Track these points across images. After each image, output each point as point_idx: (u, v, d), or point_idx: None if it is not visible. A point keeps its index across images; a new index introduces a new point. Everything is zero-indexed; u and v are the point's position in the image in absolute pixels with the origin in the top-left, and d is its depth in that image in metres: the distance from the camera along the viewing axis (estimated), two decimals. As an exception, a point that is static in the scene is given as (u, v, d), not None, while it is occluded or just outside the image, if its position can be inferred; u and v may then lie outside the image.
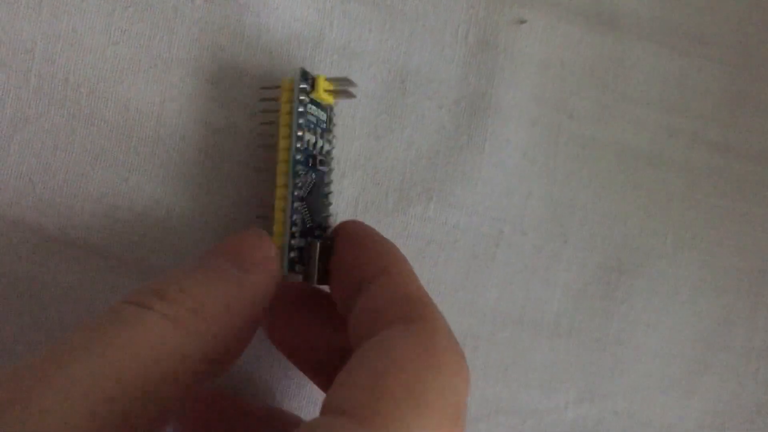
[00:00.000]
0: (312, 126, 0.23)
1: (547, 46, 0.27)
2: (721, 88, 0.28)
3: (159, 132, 0.24)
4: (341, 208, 0.26)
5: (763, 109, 0.28)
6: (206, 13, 0.24)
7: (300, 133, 0.22)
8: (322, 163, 0.23)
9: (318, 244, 0.22)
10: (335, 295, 0.22)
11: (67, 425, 0.14)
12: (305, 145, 0.22)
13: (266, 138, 0.23)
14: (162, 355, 0.16)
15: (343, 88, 0.23)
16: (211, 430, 0.23)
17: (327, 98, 0.23)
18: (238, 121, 0.25)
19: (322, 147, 0.23)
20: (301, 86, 0.22)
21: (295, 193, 0.22)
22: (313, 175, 0.23)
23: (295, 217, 0.22)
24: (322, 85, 0.23)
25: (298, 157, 0.22)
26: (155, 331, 0.16)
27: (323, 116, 0.23)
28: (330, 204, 0.24)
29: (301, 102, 0.22)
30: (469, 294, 0.27)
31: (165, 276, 0.18)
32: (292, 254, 0.22)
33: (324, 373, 0.22)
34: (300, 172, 0.22)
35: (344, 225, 0.23)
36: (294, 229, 0.22)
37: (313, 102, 0.23)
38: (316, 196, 0.23)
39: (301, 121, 0.22)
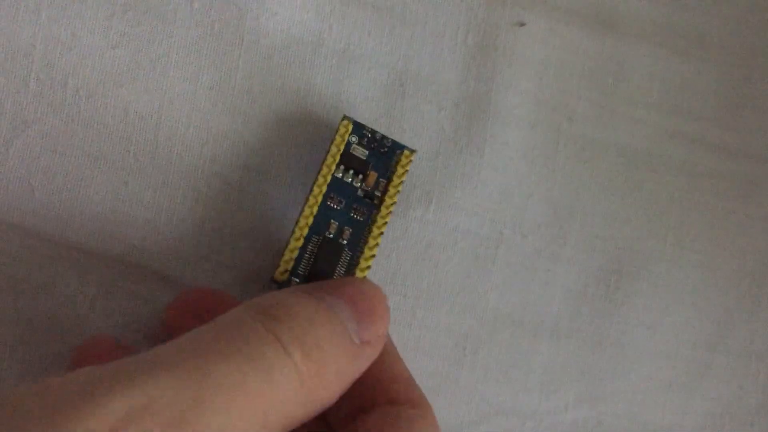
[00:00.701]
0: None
1: (546, 48, 0.27)
2: (721, 89, 0.28)
3: (158, 136, 0.24)
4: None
5: (764, 110, 0.28)
6: (205, 17, 0.24)
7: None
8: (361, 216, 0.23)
9: None
10: None
11: None
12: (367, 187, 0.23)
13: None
14: (281, 410, 0.16)
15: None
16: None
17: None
18: (239, 127, 0.25)
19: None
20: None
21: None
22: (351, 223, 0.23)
23: (310, 247, 0.22)
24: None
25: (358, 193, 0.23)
26: (289, 386, 0.16)
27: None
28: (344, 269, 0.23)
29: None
30: (469, 296, 0.27)
31: (300, 314, 0.17)
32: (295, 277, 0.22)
33: None
34: (334, 207, 0.23)
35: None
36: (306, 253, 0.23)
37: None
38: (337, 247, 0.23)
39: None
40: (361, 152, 0.24)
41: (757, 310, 0.29)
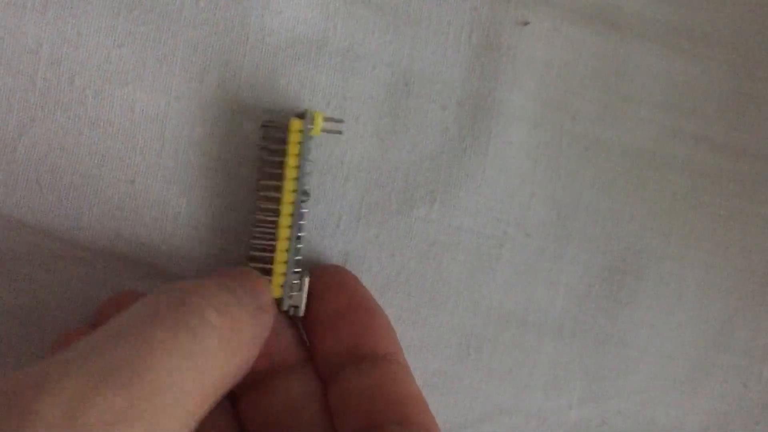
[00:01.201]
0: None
1: (550, 47, 0.27)
2: (725, 88, 0.28)
3: (164, 134, 0.24)
4: (344, 211, 0.26)
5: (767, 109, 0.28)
6: (210, 15, 0.24)
7: (305, 178, 0.23)
8: (305, 195, 0.24)
9: (307, 280, 0.23)
10: (316, 351, 0.24)
11: None
12: (304, 186, 0.23)
13: (267, 169, 0.24)
14: (212, 369, 0.18)
15: (334, 128, 0.24)
16: None
17: (318, 132, 0.24)
18: (243, 125, 0.25)
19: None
20: (308, 126, 0.23)
21: (299, 235, 0.23)
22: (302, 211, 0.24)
23: (296, 258, 0.23)
24: (319, 123, 0.23)
25: (303, 198, 0.23)
26: (211, 343, 0.18)
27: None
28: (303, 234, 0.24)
29: (308, 146, 0.23)
30: (473, 295, 0.27)
31: (206, 287, 0.19)
32: (291, 297, 0.23)
33: None
34: (303, 214, 0.23)
35: (333, 275, 0.24)
36: (294, 270, 0.23)
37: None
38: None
39: (307, 164, 0.23)
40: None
41: (761, 309, 0.29)
